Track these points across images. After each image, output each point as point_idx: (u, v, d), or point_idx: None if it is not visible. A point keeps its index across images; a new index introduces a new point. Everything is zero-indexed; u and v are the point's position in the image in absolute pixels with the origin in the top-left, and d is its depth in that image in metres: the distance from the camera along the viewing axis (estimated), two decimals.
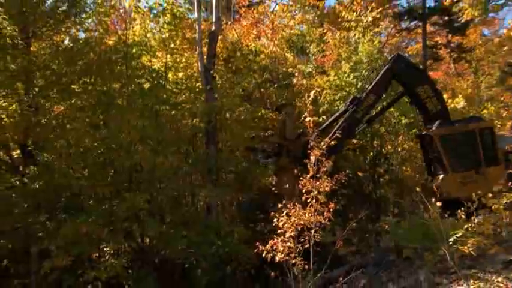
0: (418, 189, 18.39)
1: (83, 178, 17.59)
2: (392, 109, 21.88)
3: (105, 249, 17.00)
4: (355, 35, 26.62)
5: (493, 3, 44.62)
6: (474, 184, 17.58)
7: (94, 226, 16.13)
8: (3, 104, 17.04)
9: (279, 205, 13.91)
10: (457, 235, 13.91)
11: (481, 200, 14.82)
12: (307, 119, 16.14)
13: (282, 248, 13.23)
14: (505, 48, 19.00)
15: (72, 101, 18.28)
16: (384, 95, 20.25)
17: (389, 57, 20.61)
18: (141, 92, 19.60)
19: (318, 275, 13.64)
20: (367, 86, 19.62)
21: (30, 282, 16.35)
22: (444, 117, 19.38)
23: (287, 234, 13.28)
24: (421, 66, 36.78)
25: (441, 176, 18.55)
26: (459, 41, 40.94)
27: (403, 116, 22.82)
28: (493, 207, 14.76)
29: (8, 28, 17.11)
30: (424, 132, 19.50)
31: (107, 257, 16.81)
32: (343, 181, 14.40)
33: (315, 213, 13.23)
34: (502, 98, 32.43)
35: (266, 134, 23.19)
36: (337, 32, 28.69)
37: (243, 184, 21.31)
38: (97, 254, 16.96)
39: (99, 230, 16.25)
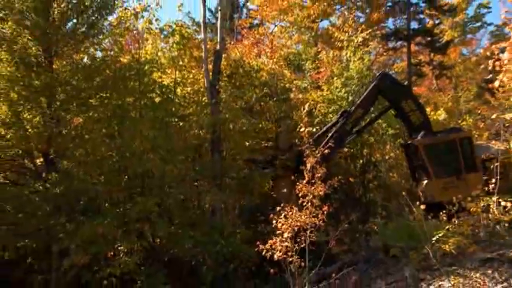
0: (403, 193, 18.57)
1: (100, 184, 17.64)
2: (380, 121, 21.96)
3: (119, 248, 16.86)
4: (346, 53, 26.64)
5: (470, 25, 44.91)
6: (455, 189, 17.59)
7: (109, 227, 16.30)
8: (28, 117, 17.17)
9: (278, 208, 14.11)
10: (439, 235, 14.03)
11: (461, 204, 14.93)
12: (303, 129, 16.31)
13: (280, 247, 13.35)
14: (482, 66, 19.28)
15: (90, 114, 18.35)
16: (371, 109, 20.32)
17: (376, 75, 20.64)
18: (152, 105, 19.74)
19: (313, 271, 13.85)
20: (356, 100, 19.68)
21: (51, 278, 16.41)
22: (427, 129, 19.45)
23: (285, 235, 13.39)
24: (405, 82, 36.96)
25: (425, 182, 18.61)
26: (440, 59, 41.02)
27: (389, 127, 22.93)
28: (471, 210, 14.87)
29: (33, 48, 17.27)
30: (409, 142, 19.54)
31: (121, 255, 16.66)
32: (335, 186, 14.53)
33: (310, 216, 13.37)
34: (479, 111, 32.60)
35: (266, 144, 23.31)
36: (330, 51, 28.83)
37: (244, 189, 21.38)
38: (112, 253, 16.85)
39: (114, 230, 16.43)
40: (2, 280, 17.15)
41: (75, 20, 18.73)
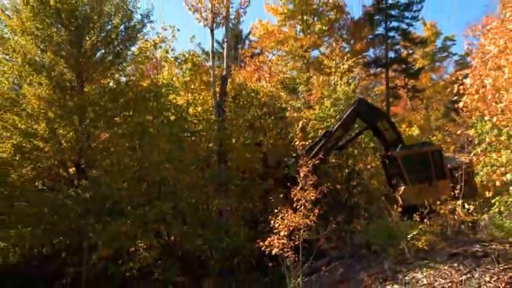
0: (383, 198, 18.70)
1: (123, 189, 17.71)
2: (362, 136, 22.05)
3: (139, 244, 16.97)
4: (334, 78, 26.74)
5: (438, 55, 45.25)
6: (427, 194, 17.55)
7: (131, 227, 16.46)
8: (63, 132, 17.36)
9: (275, 210, 14.21)
10: (413, 233, 14.21)
11: (432, 207, 15.03)
12: (297, 143, 16.47)
13: (277, 244, 13.61)
14: (448, 89, 19.45)
15: (115, 130, 18.46)
16: (350, 129, 20.40)
17: (354, 100, 20.68)
18: (168, 122, 19.86)
19: (306, 265, 14.01)
20: (337, 122, 19.74)
21: (82, 270, 16.55)
22: (399, 143, 19.61)
23: (281, 233, 13.66)
24: (384, 103, 37.19)
25: (402, 188, 18.55)
26: (413, 84, 41.22)
27: (371, 141, 23.02)
28: (440, 212, 14.95)
29: (68, 74, 17.55)
30: (389, 154, 19.60)
31: (140, 251, 16.80)
32: (324, 192, 14.76)
33: (303, 217, 13.65)
34: (446, 128, 32.72)
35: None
36: (320, 76, 28.97)
37: (246, 194, 21.44)
38: (133, 249, 16.95)
39: (135, 229, 16.56)
40: (41, 271, 17.25)
41: (103, 50, 18.88)
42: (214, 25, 23.63)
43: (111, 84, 19.66)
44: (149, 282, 17.08)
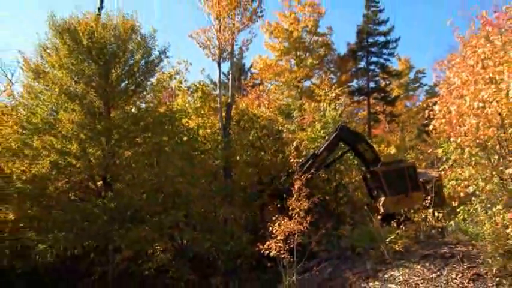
0: (365, 207, 18.81)
1: (142, 200, 17.77)
2: (348, 154, 22.07)
3: (156, 247, 17.17)
4: (323, 105, 26.85)
5: (411, 85, 45.60)
6: (404, 204, 17.67)
7: (149, 232, 16.56)
8: (92, 151, 17.47)
9: (271, 218, 14.38)
10: (391, 238, 14.31)
11: (407, 215, 15.17)
12: (292, 160, 16.63)
13: (275, 247, 13.78)
14: (420, 114, 19.52)
15: (136, 149, 18.46)
16: (334, 151, 20.43)
17: (336, 126, 20.61)
18: (181, 143, 19.92)
19: (299, 265, 14.10)
20: (322, 145, 19.75)
21: (108, 269, 16.69)
22: (377, 162, 19.61)
23: (278, 238, 13.79)
24: (366, 126, 37.42)
25: (382, 199, 18.48)
26: (391, 110, 41.45)
27: (354, 158, 23.03)
28: (414, 219, 15.07)
29: (96, 102, 17.72)
30: (371, 169, 19.53)
31: (157, 253, 17.00)
32: (315, 202, 14.92)
33: (297, 224, 13.77)
34: (419, 147, 32.81)
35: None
36: (312, 103, 29.09)
37: (248, 204, 21.46)
38: (151, 251, 17.12)
39: (152, 234, 16.65)
40: (73, 270, 17.41)
41: (126, 81, 18.99)
42: (221, 59, 23.68)
43: (133, 110, 19.71)
44: (164, 279, 17.09)
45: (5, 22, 70.04)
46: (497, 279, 11.11)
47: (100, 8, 19.80)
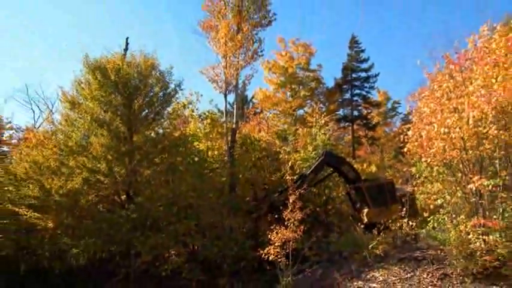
0: (350, 218, 18.92)
1: (160, 211, 17.78)
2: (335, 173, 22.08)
3: (171, 252, 17.16)
4: (314, 130, 26.81)
5: (389, 114, 45.87)
6: (384, 214, 17.48)
7: (166, 239, 16.73)
8: (117, 170, 17.69)
9: (269, 227, 14.53)
10: (373, 244, 14.43)
11: (386, 224, 15.28)
12: (288, 178, 16.78)
13: (273, 252, 13.93)
14: (397, 138, 19.64)
15: (155, 168, 18.64)
16: (320, 173, 20.40)
17: (322, 152, 20.72)
18: (193, 163, 20.06)
19: (294, 267, 14.25)
20: (310, 168, 19.78)
21: (130, 271, 16.78)
22: (358, 180, 19.73)
23: (276, 244, 13.93)
24: (350, 149, 37.55)
25: (366, 210, 18.50)
26: (372, 134, 41.53)
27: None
28: (392, 227, 15.16)
29: (121, 128, 17.99)
30: (357, 185, 19.57)
31: (173, 256, 16.97)
32: (308, 213, 15.09)
33: (292, 232, 13.93)
34: (396, 166, 32.82)
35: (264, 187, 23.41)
36: (304, 128, 29.10)
37: (250, 215, 21.39)
38: (167, 255, 17.12)
39: (168, 241, 16.83)
40: (101, 271, 17.48)
41: (147, 110, 19.27)
42: (227, 92, 23.72)
43: (152, 134, 19.84)
44: (178, 280, 17.05)
45: (48, 61, 71.18)
46: (461, 278, 11.22)
47: (125, 49, 20.19)
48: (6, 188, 17.76)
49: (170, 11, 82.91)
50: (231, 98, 24.49)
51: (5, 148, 26.45)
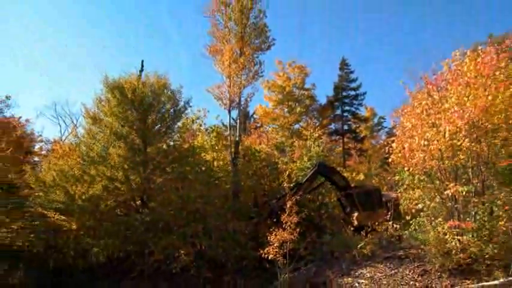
0: (342, 221, 18.94)
1: (171, 215, 17.96)
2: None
3: (181, 252, 17.10)
4: (309, 142, 26.79)
5: (375, 128, 45.92)
6: (372, 218, 17.39)
7: (176, 240, 16.95)
8: (133, 178, 17.92)
9: (267, 230, 14.74)
10: (361, 244, 14.63)
11: (373, 226, 15.43)
12: (285, 185, 16.92)
13: (272, 252, 14.05)
14: (382, 150, 19.59)
15: (166, 176, 18.82)
16: (314, 182, 20.44)
17: (316, 163, 20.88)
18: (200, 172, 20.08)
19: (291, 265, 14.37)
20: (305, 177, 19.84)
21: (145, 268, 16.91)
22: (348, 188, 19.74)
23: (275, 244, 14.08)
24: (341, 159, 37.55)
25: (356, 214, 18.33)
26: (360, 146, 41.46)
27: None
28: (378, 229, 15.30)
29: (137, 141, 18.35)
30: (348, 192, 19.52)
31: (182, 256, 16.93)
32: (303, 217, 15.20)
33: (289, 234, 14.05)
34: (382, 175, 32.70)
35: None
36: (300, 141, 29.11)
37: (251, 219, 21.28)
38: (177, 254, 17.09)
39: (178, 242, 17.01)
40: (118, 268, 17.64)
41: (159, 125, 19.59)
42: (231, 108, 23.86)
43: (164, 146, 20.03)
44: (188, 276, 17.15)
45: (73, 81, 72.02)
46: (439, 273, 11.46)
47: (141, 71, 20.43)
48: (36, 194, 18.15)
49: (181, 35, 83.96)
50: (235, 113, 24.64)
51: (36, 158, 26.80)
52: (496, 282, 10.36)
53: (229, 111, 24.01)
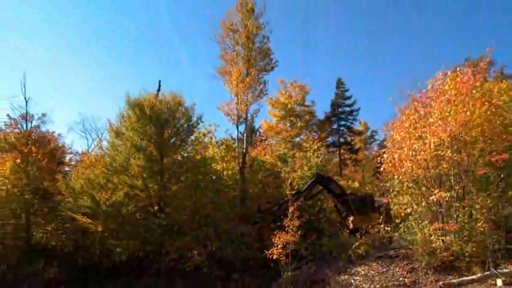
0: (338, 224, 18.98)
1: (185, 220, 18.17)
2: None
3: (194, 252, 17.32)
4: (309, 154, 26.88)
5: (368, 140, 45.92)
6: (366, 221, 17.76)
7: (189, 242, 17.11)
8: (151, 186, 18.13)
9: (271, 234, 14.79)
10: (356, 245, 14.74)
11: (366, 229, 15.54)
12: (288, 192, 17.05)
13: (276, 252, 14.10)
14: (375, 160, 19.55)
15: (180, 185, 19.05)
16: (313, 190, 20.54)
17: (314, 173, 21.02)
18: (211, 180, 20.32)
19: (293, 264, 14.36)
20: (305, 186, 20.07)
21: (161, 266, 17.05)
22: (344, 195, 19.97)
23: (279, 246, 14.13)
24: (338, 169, 37.58)
25: (351, 218, 18.49)
26: (355, 157, 41.33)
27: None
28: (371, 231, 15.40)
29: (154, 152, 18.56)
30: (344, 197, 19.68)
31: (195, 256, 17.08)
32: (304, 221, 15.26)
33: (291, 236, 14.09)
34: (374, 182, 32.53)
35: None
36: (301, 152, 29.19)
37: (257, 223, 21.32)
38: (190, 254, 17.25)
39: (191, 243, 17.21)
40: (138, 266, 17.77)
41: (174, 138, 19.78)
42: (238, 123, 23.91)
43: (178, 157, 20.20)
44: (200, 274, 17.27)
45: (100, 100, 73.16)
46: (425, 270, 11.58)
47: (158, 90, 20.78)
48: (67, 199, 18.45)
49: (193, 56, 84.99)
50: (242, 128, 24.77)
51: (67, 168, 27.16)
52: (474, 277, 10.53)
53: (237, 126, 24.18)
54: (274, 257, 14.18)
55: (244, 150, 24.21)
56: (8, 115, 21.60)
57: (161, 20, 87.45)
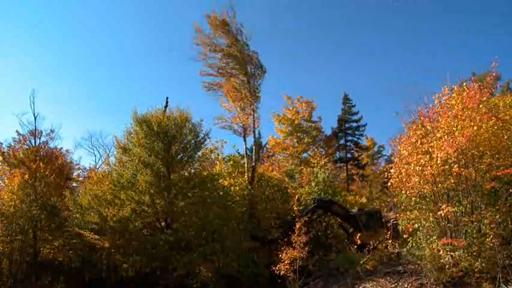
0: (346, 240, 18.86)
1: (192, 235, 18.15)
2: None
3: (201, 268, 17.29)
4: (316, 169, 27.09)
5: (375, 156, 45.63)
6: (374, 237, 17.19)
7: (196, 257, 17.02)
8: (158, 202, 18.10)
9: (278, 249, 14.78)
10: (364, 260, 14.60)
11: (374, 244, 15.36)
12: (295, 208, 17.05)
13: (283, 268, 14.10)
14: (382, 175, 19.40)
15: (187, 200, 19.00)
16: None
17: (314, 200, 20.54)
18: (218, 196, 20.20)
19: (300, 280, 14.36)
20: (307, 209, 19.71)
21: (168, 282, 16.96)
22: (348, 214, 19.75)
23: (286, 262, 14.11)
24: (345, 184, 37.44)
25: (359, 234, 18.21)
26: (362, 172, 41.13)
27: None
28: (379, 247, 15.23)
29: (162, 168, 18.56)
30: (351, 214, 19.56)
31: (202, 271, 17.10)
32: (311, 237, 15.25)
33: (299, 252, 14.08)
34: (382, 198, 32.27)
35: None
36: (308, 168, 29.34)
37: (265, 240, 21.30)
38: (198, 270, 17.22)
39: (198, 259, 17.14)
40: (145, 282, 17.83)
41: (181, 154, 19.80)
42: (245, 137, 24.48)
43: (185, 174, 20.21)
44: None
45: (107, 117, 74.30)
46: (434, 286, 11.38)
47: (165, 106, 20.95)
48: (74, 215, 18.57)
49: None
50: (249, 143, 24.90)
51: (74, 184, 27.52)
52: None
53: (245, 139, 24.61)
54: (281, 273, 14.12)
55: (253, 163, 24.32)
56: (17, 131, 22.05)
57: (168, 35, 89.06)
